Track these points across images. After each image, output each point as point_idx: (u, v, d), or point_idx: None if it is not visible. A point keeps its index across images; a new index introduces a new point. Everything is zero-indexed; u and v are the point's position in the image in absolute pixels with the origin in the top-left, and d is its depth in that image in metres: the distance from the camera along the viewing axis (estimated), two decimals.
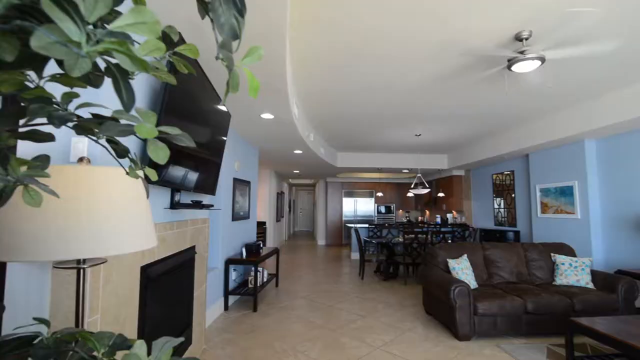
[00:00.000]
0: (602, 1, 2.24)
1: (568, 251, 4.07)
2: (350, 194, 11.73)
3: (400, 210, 12.13)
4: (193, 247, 2.57)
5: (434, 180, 10.13)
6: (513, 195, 6.78)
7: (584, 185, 4.94)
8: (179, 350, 2.33)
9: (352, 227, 7.97)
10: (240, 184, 4.75)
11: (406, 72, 3.38)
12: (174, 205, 2.08)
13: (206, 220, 2.93)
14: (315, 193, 13.92)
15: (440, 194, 9.50)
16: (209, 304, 3.59)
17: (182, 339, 0.53)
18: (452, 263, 3.68)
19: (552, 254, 4.01)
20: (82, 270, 1.05)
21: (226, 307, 4.10)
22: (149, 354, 0.46)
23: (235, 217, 4.56)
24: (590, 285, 3.60)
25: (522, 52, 2.67)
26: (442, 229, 7.16)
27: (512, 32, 2.59)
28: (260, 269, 4.61)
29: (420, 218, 11.72)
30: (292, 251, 9.72)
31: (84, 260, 1.03)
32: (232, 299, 4.41)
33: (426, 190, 6.85)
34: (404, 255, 5.75)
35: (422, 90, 3.92)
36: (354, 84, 3.71)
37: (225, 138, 2.76)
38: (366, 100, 4.30)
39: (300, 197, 17.67)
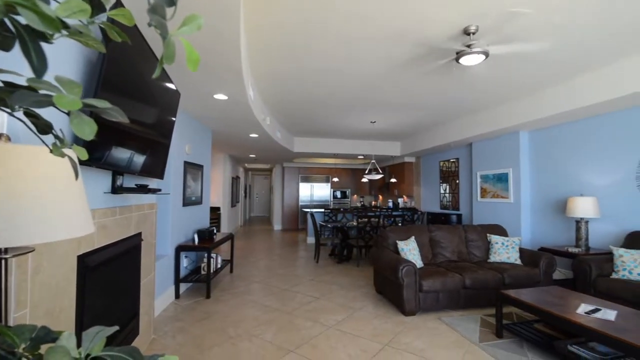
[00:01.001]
0: (536, 4, 2.44)
1: (501, 232, 4.51)
2: (306, 179, 11.78)
3: (355, 195, 12.48)
4: (139, 234, 2.42)
5: (387, 166, 10.53)
6: (457, 181, 7.29)
7: (517, 172, 5.47)
8: (125, 341, 2.22)
9: (308, 212, 8.05)
10: (192, 168, 4.53)
11: (362, 57, 3.41)
12: (116, 189, 1.92)
13: (154, 206, 2.77)
14: (272, 178, 13.78)
15: (393, 180, 9.92)
16: (158, 293, 3.44)
17: (115, 327, 0.50)
18: (401, 244, 3.90)
19: (487, 235, 4.42)
20: (3, 261, 0.94)
21: (177, 295, 3.96)
22: (80, 345, 0.43)
23: (187, 202, 4.37)
24: (519, 262, 4.04)
25: (469, 46, 2.83)
26: (394, 213, 7.52)
27: (461, 26, 2.72)
28: (213, 255, 4.49)
29: (373, 203, 12.17)
30: (247, 236, 9.60)
31: (6, 250, 0.92)
32: (183, 287, 4.27)
33: (379, 176, 7.11)
34: (358, 238, 5.96)
35: (377, 78, 4.00)
36: (310, 67, 3.68)
37: (174, 118, 2.59)
38: (323, 85, 4.29)
39: (256, 182, 17.37)
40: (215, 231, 4.70)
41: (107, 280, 1.93)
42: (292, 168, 11.64)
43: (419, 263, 3.85)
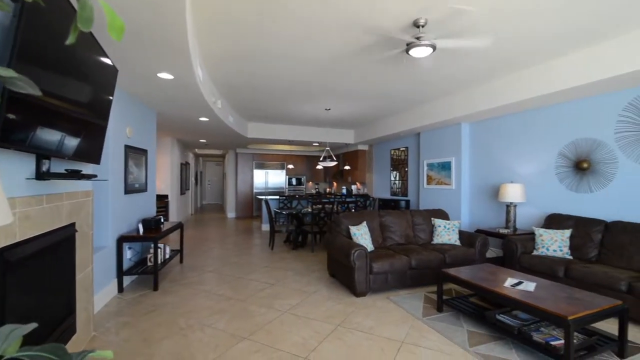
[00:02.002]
0: (479, 3, 2.59)
1: (443, 216, 4.87)
2: (261, 166, 11.58)
3: (310, 182, 12.57)
4: (72, 225, 2.21)
5: (342, 153, 10.72)
6: (406, 169, 7.68)
7: (459, 161, 5.90)
8: (60, 340, 2.04)
9: (262, 199, 7.95)
10: (135, 153, 4.21)
11: (317, 41, 3.39)
12: (42, 175, 1.72)
13: (89, 193, 2.53)
14: (225, 164, 13.32)
15: (347, 167, 10.14)
16: (98, 287, 3.19)
17: (32, 325, 0.45)
18: (353, 229, 4.03)
19: (432, 218, 4.74)
20: None
21: (121, 289, 3.72)
22: None
23: (129, 189, 4.06)
24: (458, 243, 4.41)
25: (418, 38, 2.93)
26: (347, 200, 7.72)
27: (411, 18, 2.81)
28: (161, 245, 4.27)
29: (328, 189, 12.37)
30: (199, 225, 9.24)
31: None
32: (128, 280, 4.01)
33: (334, 163, 7.23)
34: (312, 224, 6.04)
35: (332, 64, 4.01)
36: (264, 49, 3.56)
37: (111, 97, 2.36)
38: (277, 69, 4.19)
39: (208, 168, 16.68)
40: (162, 220, 4.45)
41: (35, 276, 1.75)
42: (246, 154, 11.35)
43: (370, 247, 4.02)
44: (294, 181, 12.12)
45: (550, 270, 3.52)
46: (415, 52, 3.01)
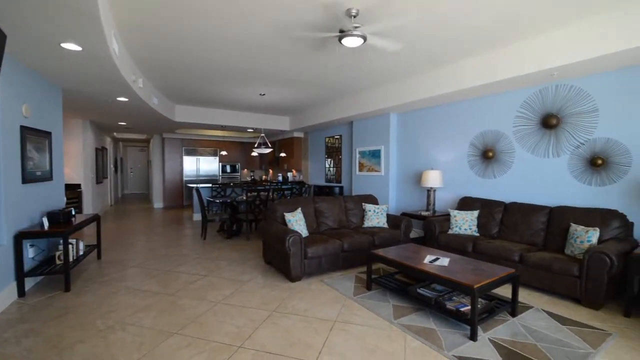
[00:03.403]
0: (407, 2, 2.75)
1: (373, 200, 5.19)
2: (191, 152, 10.88)
3: (245, 170, 12.25)
4: None
5: (277, 140, 10.62)
6: (340, 157, 7.94)
7: (387, 149, 6.29)
8: None
9: (193, 187, 7.52)
10: (35, 135, 3.61)
11: (249, 20, 3.26)
12: None
13: None
14: (150, 150, 12.20)
15: (283, 154, 10.09)
16: None
17: None
18: (288, 216, 4.07)
19: (363, 203, 5.01)
20: None
21: (22, 293, 3.22)
22: None
23: (29, 178, 3.49)
24: (386, 226, 4.75)
25: (350, 29, 3.00)
26: (283, 187, 7.72)
27: (344, 7, 2.85)
28: (73, 241, 3.79)
29: (264, 177, 12.20)
30: (121, 217, 8.39)
31: None
32: (31, 282, 3.49)
33: (269, 150, 7.13)
34: (247, 212, 5.93)
35: (265, 47, 3.90)
36: (189, 26, 3.31)
37: None
38: (206, 49, 3.93)
39: (130, 154, 15.11)
40: (74, 212, 3.94)
41: None
42: (174, 139, 10.54)
43: (304, 232, 4.11)
44: (228, 168, 11.68)
45: (462, 247, 4.01)
46: (347, 42, 3.08)
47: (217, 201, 6.13)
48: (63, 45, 2.86)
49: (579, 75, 3.74)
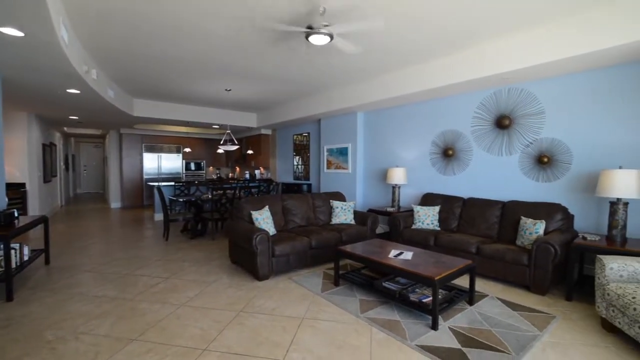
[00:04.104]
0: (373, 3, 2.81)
1: (341, 198, 5.25)
2: (152, 149, 10.36)
3: (211, 167, 11.89)
4: None
5: (244, 137, 10.41)
6: (308, 154, 7.94)
7: (355, 147, 6.39)
8: None
9: (154, 185, 7.17)
10: None
11: (215, 13, 3.15)
12: None
13: None
14: (106, 146, 11.45)
15: (250, 151, 9.91)
16: None
17: None
18: (255, 214, 4.01)
19: (330, 201, 5.06)
20: None
21: None
22: None
23: None
24: (353, 222, 4.83)
25: (317, 27, 3.01)
26: (250, 185, 7.59)
27: (312, 5, 2.85)
28: (15, 245, 3.47)
29: (231, 175, 11.92)
30: (73, 218, 7.81)
31: None
32: None
33: (235, 147, 6.96)
34: (213, 211, 5.76)
35: (232, 41, 3.80)
36: (149, 15, 3.14)
37: None
38: (167, 42, 3.76)
39: (83, 151, 14.09)
40: (16, 214, 3.61)
41: None
42: (133, 135, 9.98)
43: (272, 230, 4.07)
44: (192, 166, 11.27)
45: (424, 241, 4.18)
46: (314, 39, 3.09)
47: (181, 200, 5.90)
48: (2, 30, 2.59)
49: (529, 80, 4.03)
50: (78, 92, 4.67)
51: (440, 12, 3.05)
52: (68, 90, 4.60)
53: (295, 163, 8.45)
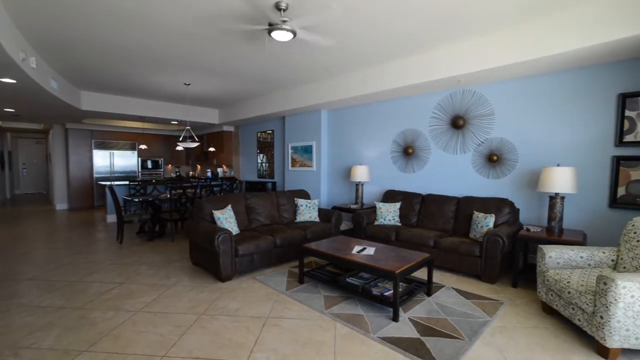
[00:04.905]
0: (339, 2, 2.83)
1: (305, 195, 5.27)
2: (103, 146, 9.67)
3: (170, 165, 11.35)
4: None
5: (205, 134, 10.05)
6: (273, 152, 7.86)
7: (319, 145, 6.43)
8: None
9: (107, 185, 6.71)
10: None
11: (168, 5, 3.01)
12: None
13: None
14: (50, 142, 10.49)
15: (212, 149, 9.60)
16: None
17: None
18: (217, 214, 3.90)
19: (295, 199, 5.05)
20: None
21: None
22: None
23: None
24: (317, 220, 4.86)
25: (279, 22, 2.98)
26: (212, 183, 7.36)
27: (272, 0, 2.81)
28: None
29: (191, 173, 11.47)
30: (11, 221, 7.08)
31: None
32: None
33: (196, 144, 6.70)
34: (172, 211, 5.52)
35: (192, 33, 3.65)
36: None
37: None
38: (118, 29, 3.52)
39: (22, 147, 12.80)
40: None
41: None
42: (81, 131, 9.24)
43: (235, 230, 3.98)
44: (149, 164, 10.68)
45: (386, 236, 4.32)
46: (277, 35, 3.05)
47: (136, 200, 5.57)
48: None
49: (480, 83, 4.30)
50: (14, 81, 4.23)
51: (397, 14, 3.15)
52: (2, 80, 4.14)
53: (260, 161, 8.32)
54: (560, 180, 3.32)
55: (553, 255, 2.81)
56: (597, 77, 3.48)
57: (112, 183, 7.19)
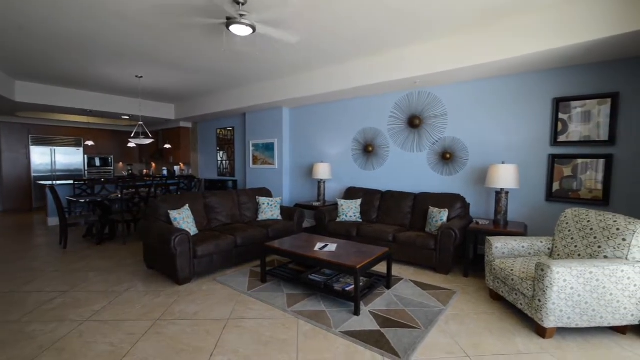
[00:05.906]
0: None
1: (267, 193, 5.20)
2: (43, 142, 8.80)
3: (121, 163, 10.63)
4: None
5: (161, 130, 9.54)
6: (233, 149, 7.66)
7: (281, 142, 6.37)
8: None
9: (47, 185, 6.12)
10: None
11: None
12: None
13: None
14: None
15: (167, 146, 9.13)
16: None
17: None
18: (173, 214, 3.72)
19: (256, 197, 4.98)
20: None
21: None
22: None
23: None
24: (280, 218, 4.83)
25: (238, 16, 2.90)
26: (169, 182, 7.01)
27: None
28: None
29: (145, 171, 10.83)
30: None
31: None
32: None
33: (149, 141, 6.32)
34: (124, 212, 5.17)
35: (142, 25, 3.43)
36: None
37: None
38: (60, 12, 3.22)
39: None
40: None
41: None
42: (17, 125, 8.34)
43: (193, 230, 3.84)
44: (97, 161, 9.91)
45: (348, 232, 4.41)
46: (235, 30, 2.97)
47: (82, 201, 5.15)
48: None
49: (434, 85, 4.52)
50: None
51: (356, 14, 3.21)
52: None
53: (220, 158, 8.07)
54: (505, 176, 3.60)
55: (499, 246, 3.04)
56: (537, 83, 3.82)
57: (54, 182, 6.58)
